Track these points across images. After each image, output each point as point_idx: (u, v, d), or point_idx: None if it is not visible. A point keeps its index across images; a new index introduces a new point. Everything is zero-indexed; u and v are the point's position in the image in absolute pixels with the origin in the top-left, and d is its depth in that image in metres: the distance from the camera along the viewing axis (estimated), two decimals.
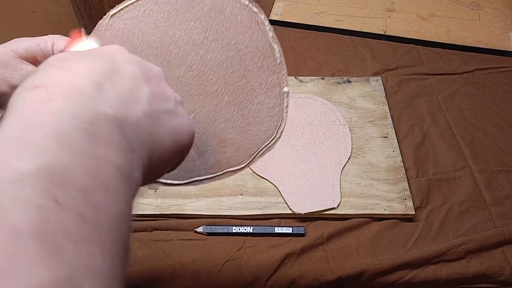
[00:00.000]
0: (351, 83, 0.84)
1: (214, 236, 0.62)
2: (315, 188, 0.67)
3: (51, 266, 0.15)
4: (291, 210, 0.64)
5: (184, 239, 0.62)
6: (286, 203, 0.65)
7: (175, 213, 0.64)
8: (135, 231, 0.63)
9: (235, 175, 0.40)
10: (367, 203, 0.65)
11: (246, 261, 0.60)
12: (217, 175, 0.40)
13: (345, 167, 0.70)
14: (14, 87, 0.26)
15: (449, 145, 0.75)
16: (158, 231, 0.63)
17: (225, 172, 0.40)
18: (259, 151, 0.41)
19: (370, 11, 1.03)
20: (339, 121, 0.76)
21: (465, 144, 0.75)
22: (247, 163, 0.40)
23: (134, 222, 0.63)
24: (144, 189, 0.66)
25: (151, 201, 0.65)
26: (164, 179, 0.39)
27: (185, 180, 0.39)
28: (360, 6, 1.04)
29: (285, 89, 0.40)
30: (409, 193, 0.67)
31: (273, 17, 1.00)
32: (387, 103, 0.81)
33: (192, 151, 0.39)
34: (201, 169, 0.39)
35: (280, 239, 0.62)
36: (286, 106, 0.40)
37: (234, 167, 0.40)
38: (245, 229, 0.62)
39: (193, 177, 0.39)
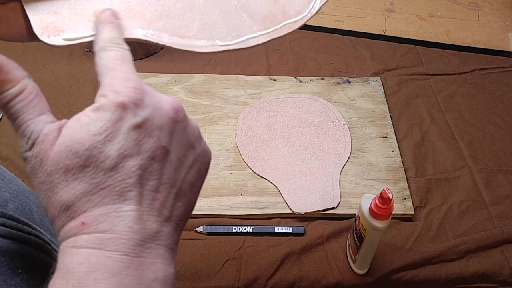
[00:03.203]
0: (351, 83, 0.84)
1: (214, 236, 0.63)
2: (314, 188, 0.67)
3: None
4: (291, 209, 0.65)
5: (185, 239, 0.62)
6: (286, 202, 0.65)
7: None
8: None
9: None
10: None
11: (246, 261, 0.60)
12: (274, 30, 0.33)
13: (344, 167, 0.70)
14: None
15: (448, 145, 0.75)
16: None
17: (284, 26, 0.33)
18: None
19: (370, 12, 1.03)
20: (338, 121, 0.77)
21: (464, 144, 0.76)
22: (307, 11, 0.34)
23: None
24: None
25: None
26: (209, 39, 0.32)
27: (236, 39, 0.32)
28: (360, 6, 1.04)
29: None
30: (409, 193, 0.67)
31: None
32: (386, 103, 0.81)
33: (234, 1, 0.33)
34: (251, 24, 0.33)
35: (280, 239, 0.63)
36: None
37: (292, 18, 0.33)
38: (245, 229, 0.63)
39: (245, 35, 0.32)
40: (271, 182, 0.68)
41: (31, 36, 0.31)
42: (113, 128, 0.22)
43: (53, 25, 0.30)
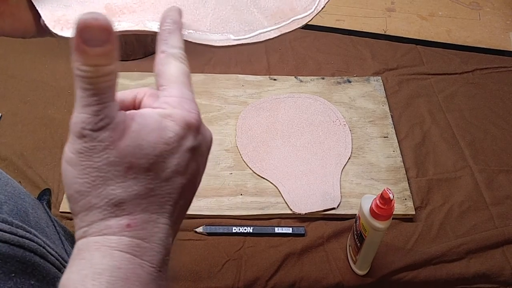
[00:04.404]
0: (351, 83, 0.84)
1: (214, 236, 0.62)
2: (315, 188, 0.66)
3: None
4: (291, 210, 0.64)
5: (184, 239, 0.62)
6: (286, 203, 0.65)
7: None
8: None
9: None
10: None
11: (246, 261, 0.60)
12: (284, 25, 0.35)
13: (345, 167, 0.70)
14: None
15: (449, 145, 0.75)
16: None
17: (293, 21, 0.35)
18: None
19: (370, 11, 1.03)
20: (339, 121, 0.76)
21: (465, 144, 0.75)
22: (313, 7, 0.36)
23: None
24: None
25: None
26: (222, 33, 0.33)
27: (248, 34, 0.33)
28: (360, 6, 1.04)
29: None
30: (409, 193, 0.67)
31: None
32: (387, 103, 0.81)
33: None
34: (262, 19, 0.34)
35: (280, 239, 0.62)
36: None
37: (300, 14, 0.35)
38: (245, 229, 0.62)
39: (257, 30, 0.34)
40: (271, 182, 0.67)
41: (37, 31, 0.30)
42: (177, 143, 0.23)
43: (64, 18, 0.30)
